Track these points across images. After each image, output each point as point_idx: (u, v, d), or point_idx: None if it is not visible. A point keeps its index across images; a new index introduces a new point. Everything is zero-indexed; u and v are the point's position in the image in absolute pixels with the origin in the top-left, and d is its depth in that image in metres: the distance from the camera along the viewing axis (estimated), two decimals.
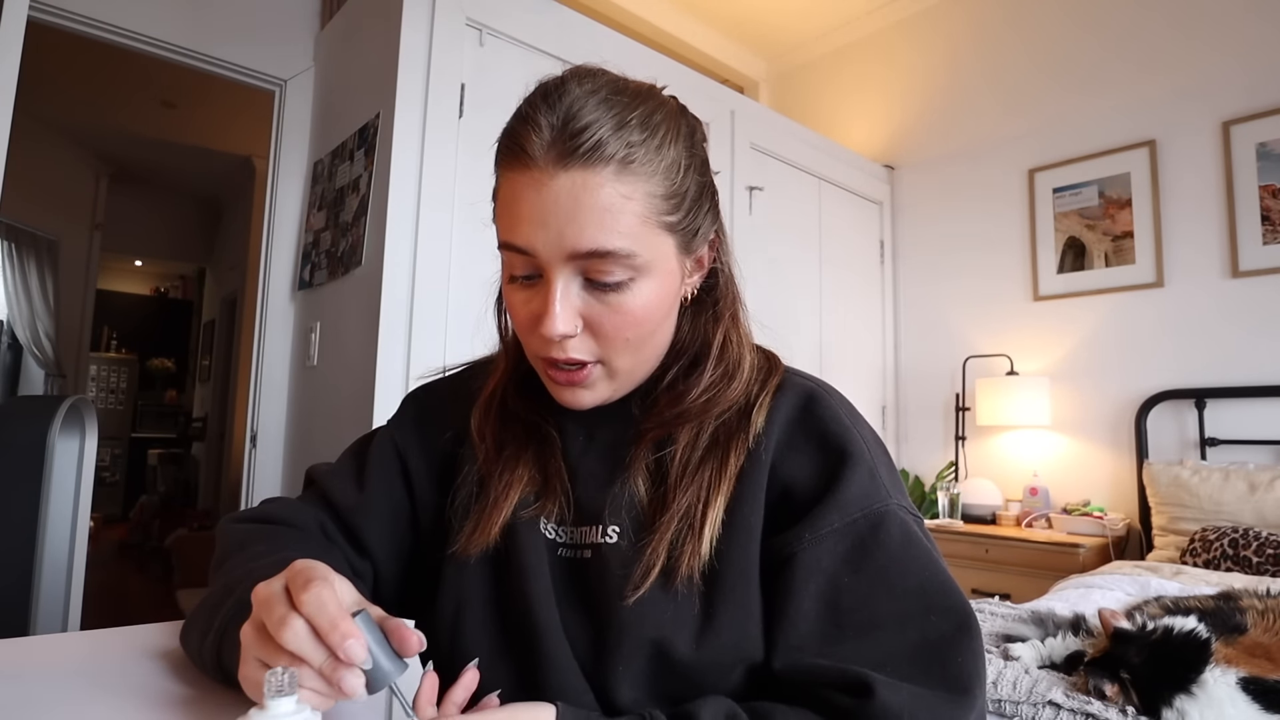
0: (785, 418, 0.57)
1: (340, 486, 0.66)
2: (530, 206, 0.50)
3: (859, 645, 0.49)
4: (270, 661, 0.43)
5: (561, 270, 0.51)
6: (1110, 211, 2.74)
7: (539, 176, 0.50)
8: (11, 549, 1.23)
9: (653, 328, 0.55)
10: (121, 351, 7.00)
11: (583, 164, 0.49)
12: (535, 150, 0.49)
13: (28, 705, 0.48)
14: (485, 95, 1.92)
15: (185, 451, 6.38)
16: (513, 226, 0.52)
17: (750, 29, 3.72)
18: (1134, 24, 2.73)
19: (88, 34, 2.08)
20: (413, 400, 0.71)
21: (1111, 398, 2.69)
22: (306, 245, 2.25)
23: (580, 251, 0.50)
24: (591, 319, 0.53)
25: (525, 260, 0.52)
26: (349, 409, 1.84)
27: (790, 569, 0.52)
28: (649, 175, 0.51)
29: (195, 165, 5.29)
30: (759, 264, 2.66)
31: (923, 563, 0.52)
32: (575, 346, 0.54)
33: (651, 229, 0.52)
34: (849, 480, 0.53)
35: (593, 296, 0.53)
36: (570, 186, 0.49)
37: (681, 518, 0.54)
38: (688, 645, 0.52)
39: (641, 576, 0.53)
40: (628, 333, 0.54)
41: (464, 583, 0.60)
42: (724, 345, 0.60)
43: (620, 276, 0.52)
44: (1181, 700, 0.99)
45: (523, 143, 0.50)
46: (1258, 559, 1.98)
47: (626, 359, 0.56)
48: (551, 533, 0.60)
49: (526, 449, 0.62)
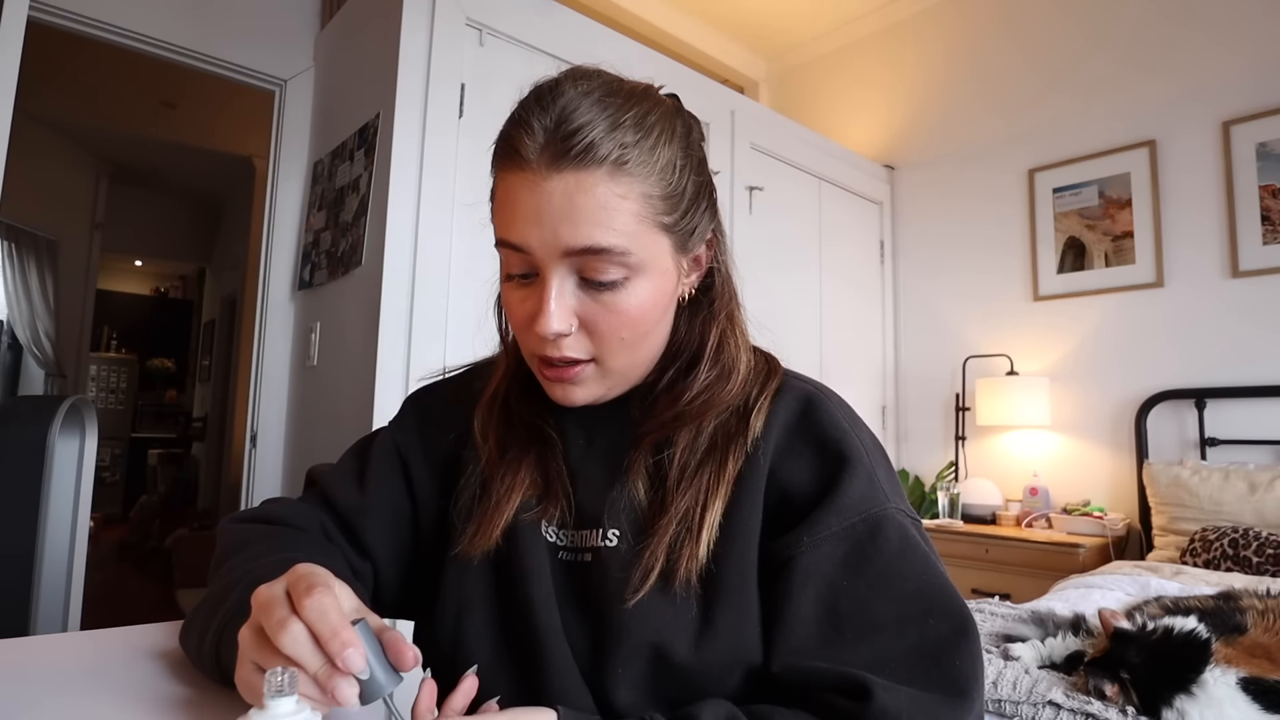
0: (784, 422, 0.57)
1: (341, 487, 0.66)
2: (525, 205, 0.51)
3: (857, 648, 0.49)
4: (266, 666, 0.42)
5: (557, 268, 0.52)
6: (1110, 211, 2.74)
7: (533, 177, 0.50)
8: (11, 549, 1.23)
9: (648, 328, 0.56)
10: (121, 351, 7.00)
11: (576, 165, 0.49)
12: (529, 152, 0.50)
13: (28, 705, 0.48)
14: (485, 95, 1.92)
15: (185, 451, 6.37)
16: (508, 224, 0.52)
17: (750, 29, 3.72)
18: (1134, 24, 2.73)
19: (88, 34, 2.08)
20: (414, 401, 0.71)
21: (1111, 398, 2.69)
22: (306, 245, 2.25)
23: (575, 248, 0.50)
24: (587, 318, 0.53)
25: (521, 258, 0.53)
26: (349, 409, 1.84)
27: (788, 573, 0.52)
28: (644, 176, 0.51)
29: (195, 165, 5.29)
30: (759, 264, 2.66)
31: (920, 566, 0.52)
32: (570, 345, 0.54)
33: (647, 229, 0.52)
34: (847, 484, 0.53)
35: (588, 296, 0.53)
36: (564, 187, 0.49)
37: (680, 521, 0.54)
38: (687, 648, 0.52)
39: (640, 579, 0.53)
40: (623, 332, 0.54)
41: (466, 585, 0.60)
42: (720, 345, 0.59)
43: (615, 275, 0.52)
44: (1181, 700, 0.99)
45: (516, 145, 0.51)
46: (1258, 559, 1.98)
47: (621, 359, 0.56)
48: (552, 536, 0.60)
49: (528, 451, 0.62)
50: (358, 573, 0.64)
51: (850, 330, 3.13)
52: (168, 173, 5.63)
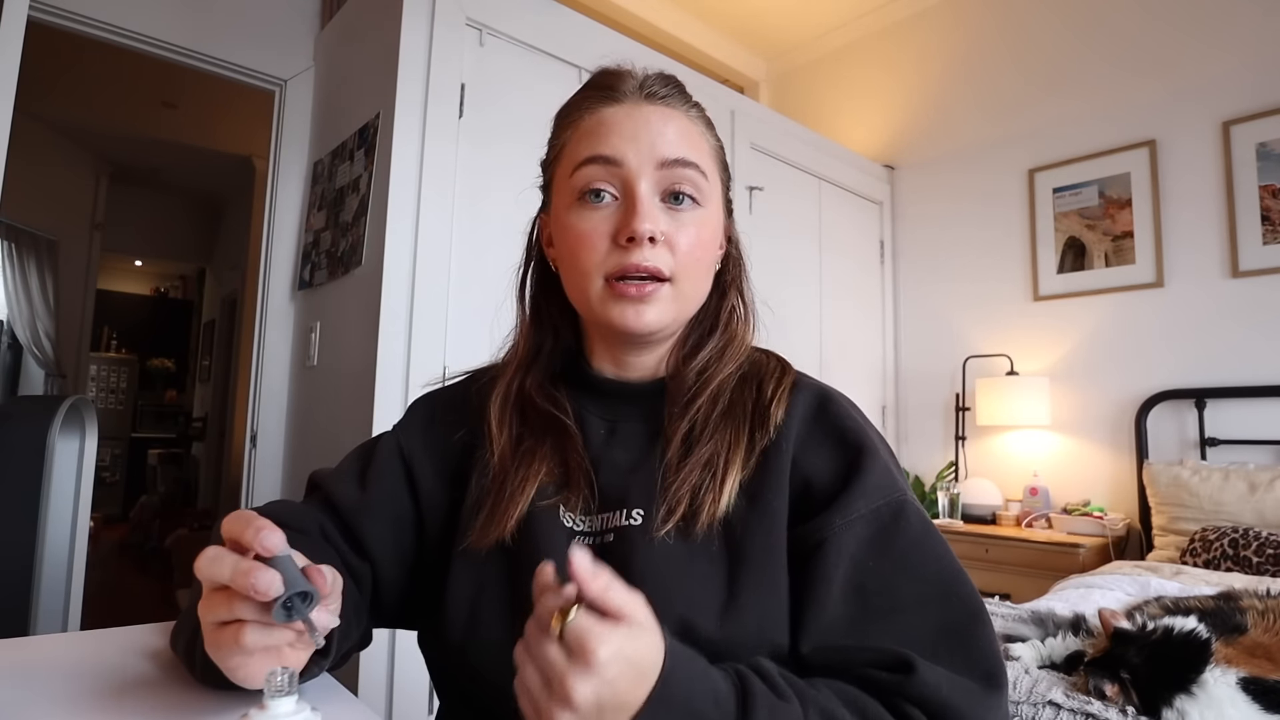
0: (802, 415, 0.59)
1: (342, 487, 0.66)
2: (623, 126, 0.58)
3: (884, 627, 0.50)
4: (205, 610, 0.42)
5: (647, 180, 0.57)
6: (1110, 211, 2.74)
7: (630, 106, 0.59)
8: (11, 549, 1.23)
9: (709, 259, 0.62)
10: (121, 351, 7.00)
11: (667, 103, 0.60)
12: (625, 89, 0.59)
13: (28, 705, 0.48)
14: (485, 95, 1.91)
15: (185, 451, 6.37)
16: (602, 142, 0.58)
17: (750, 29, 3.72)
18: (1134, 24, 2.73)
19: (88, 34, 2.08)
20: (420, 405, 0.71)
21: (1111, 398, 2.69)
22: (306, 245, 2.25)
23: (669, 159, 0.58)
24: (669, 233, 0.58)
25: (610, 172, 0.58)
26: (349, 409, 1.84)
27: (822, 554, 0.53)
28: (711, 135, 0.63)
29: (195, 165, 5.28)
30: (759, 264, 2.64)
31: (940, 551, 0.54)
32: (655, 255, 0.57)
33: (715, 170, 0.62)
34: (870, 470, 0.55)
35: (668, 214, 0.58)
36: (660, 115, 0.59)
37: (705, 466, 0.56)
38: (712, 624, 0.52)
39: (664, 517, 0.55)
40: (697, 251, 0.59)
41: (479, 574, 0.60)
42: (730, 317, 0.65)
43: (694, 193, 0.59)
44: (1182, 700, 0.99)
45: (611, 84, 0.60)
46: (1258, 559, 1.98)
47: (691, 281, 0.60)
48: (570, 521, 0.60)
49: (544, 442, 0.62)
50: (355, 573, 0.63)
51: (850, 330, 3.13)
52: (168, 173, 5.63)
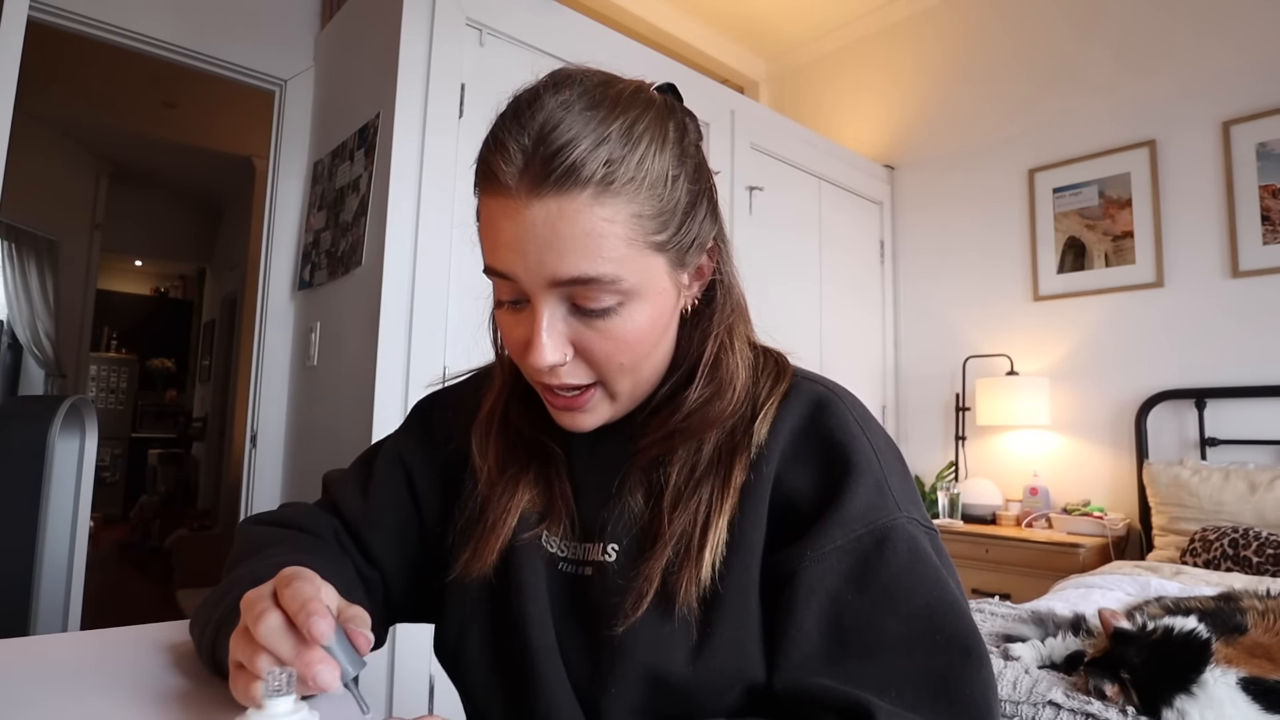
0: (791, 427, 0.54)
1: (347, 496, 0.67)
2: (508, 234, 0.48)
3: (862, 667, 0.46)
4: (246, 661, 0.42)
5: (546, 297, 0.49)
6: (1110, 211, 2.74)
7: (513, 205, 0.47)
8: (11, 549, 1.23)
9: (647, 350, 0.52)
10: (121, 351, 7.00)
11: (557, 190, 0.46)
12: (508, 178, 0.47)
13: (28, 705, 0.48)
14: (485, 95, 1.91)
15: (185, 451, 6.37)
16: (493, 252, 0.50)
17: (750, 29, 3.71)
18: (1134, 23, 2.73)
19: (88, 34, 2.08)
20: (420, 413, 0.71)
21: (1111, 398, 2.69)
22: (306, 245, 2.25)
23: (561, 279, 0.47)
24: (582, 345, 0.51)
25: (510, 286, 0.50)
26: (349, 409, 1.84)
27: (792, 587, 0.49)
28: (632, 194, 0.47)
29: (195, 165, 5.28)
30: (759, 264, 2.66)
31: (930, 582, 0.48)
32: (569, 373, 0.51)
33: (639, 250, 0.48)
34: (854, 494, 0.50)
35: (581, 323, 0.50)
36: (546, 215, 0.46)
37: (676, 543, 0.52)
38: (684, 666, 0.50)
39: (633, 605, 0.51)
40: (621, 358, 0.51)
41: (464, 606, 0.60)
42: (716, 361, 0.56)
43: (608, 303, 0.49)
44: (1182, 700, 0.99)
45: (494, 170, 0.47)
46: (1258, 559, 1.98)
47: (624, 382, 0.53)
48: (553, 546, 0.59)
49: (529, 468, 0.60)
50: (367, 580, 0.64)
51: (850, 330, 3.13)
52: (168, 173, 5.63)
